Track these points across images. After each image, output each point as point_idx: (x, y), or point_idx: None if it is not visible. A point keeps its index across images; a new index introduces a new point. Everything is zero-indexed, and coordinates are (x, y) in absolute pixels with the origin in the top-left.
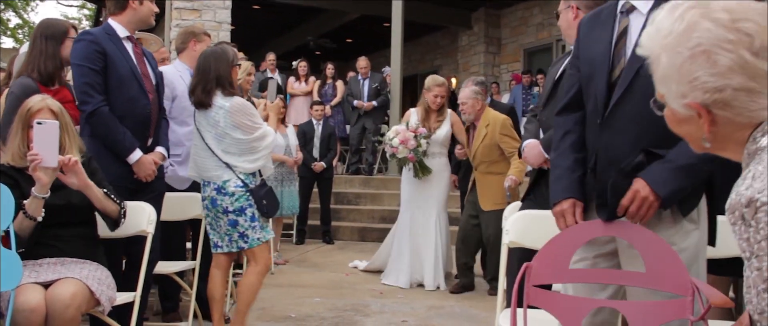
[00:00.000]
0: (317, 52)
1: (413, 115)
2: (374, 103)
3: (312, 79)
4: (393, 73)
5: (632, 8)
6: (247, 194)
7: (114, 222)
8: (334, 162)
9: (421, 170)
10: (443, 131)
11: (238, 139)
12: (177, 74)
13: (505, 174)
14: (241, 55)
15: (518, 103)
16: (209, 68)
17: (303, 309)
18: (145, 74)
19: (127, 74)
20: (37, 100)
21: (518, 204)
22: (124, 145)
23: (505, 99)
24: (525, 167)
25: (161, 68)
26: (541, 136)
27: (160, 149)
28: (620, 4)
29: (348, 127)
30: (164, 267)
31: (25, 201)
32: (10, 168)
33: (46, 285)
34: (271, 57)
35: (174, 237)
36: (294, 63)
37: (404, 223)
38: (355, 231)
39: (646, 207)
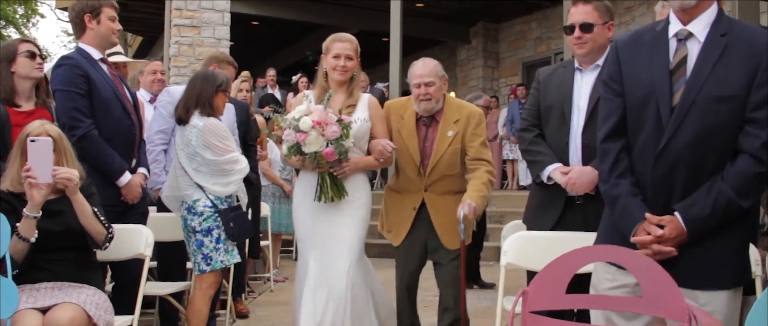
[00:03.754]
0: (316, 67)
1: (306, 99)
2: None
3: None
4: (392, 87)
5: (689, 35)
6: (216, 215)
7: (96, 244)
8: None
9: (334, 189)
10: (361, 119)
11: (208, 159)
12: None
13: (461, 193)
14: (245, 74)
15: (516, 118)
16: (194, 87)
17: None
18: (125, 95)
19: (109, 96)
20: (36, 126)
21: (517, 222)
22: (114, 168)
23: (503, 114)
24: (488, 192)
25: (171, 87)
26: (576, 156)
27: (142, 170)
28: (672, 29)
29: None
30: (159, 288)
31: (17, 224)
32: (9, 194)
33: (44, 311)
34: (271, 73)
35: (171, 257)
36: (294, 78)
37: (306, 276)
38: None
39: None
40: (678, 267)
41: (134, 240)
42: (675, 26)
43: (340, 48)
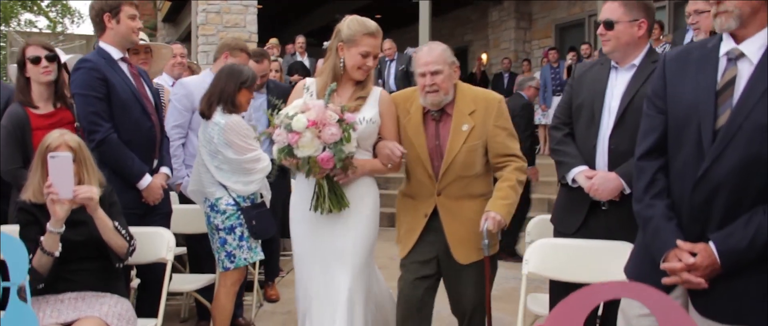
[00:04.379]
0: None
1: (309, 89)
2: (393, 87)
3: None
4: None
5: (741, 55)
6: (238, 213)
7: (118, 258)
8: None
9: (332, 199)
10: (367, 120)
11: (230, 158)
12: (202, 85)
13: (486, 197)
14: (272, 41)
15: (548, 84)
16: (219, 82)
17: None
18: (145, 95)
19: (128, 98)
20: (55, 137)
21: (544, 218)
22: (133, 172)
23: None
24: (516, 197)
25: (186, 79)
26: (602, 160)
27: (164, 169)
28: (724, 47)
29: None
30: (185, 283)
31: (41, 238)
32: (31, 205)
33: (68, 325)
34: (300, 40)
35: (200, 247)
36: (325, 44)
37: (306, 296)
38: (384, 216)
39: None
40: (709, 297)
41: (155, 245)
42: (727, 44)
43: (370, 45)
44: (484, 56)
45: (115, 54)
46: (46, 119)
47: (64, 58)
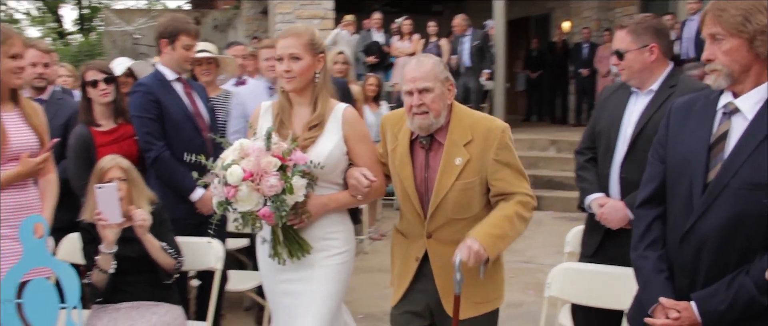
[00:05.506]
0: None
1: (264, 114)
2: (467, 63)
3: (416, 37)
4: (496, 25)
5: (736, 110)
6: None
7: (167, 275)
8: None
9: (292, 245)
10: (326, 150)
11: None
12: (254, 93)
13: None
14: (348, 17)
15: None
16: None
17: (387, 304)
18: (198, 113)
19: (180, 118)
20: (108, 160)
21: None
22: (185, 186)
23: None
24: (511, 231)
25: (240, 88)
26: (615, 189)
27: None
28: (722, 101)
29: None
30: (241, 281)
31: (97, 257)
32: (88, 225)
33: None
34: (376, 16)
35: None
36: (397, 21)
37: None
38: None
39: None
40: None
41: (205, 254)
42: (725, 98)
43: (281, 46)
44: (565, 24)
45: (170, 75)
46: (109, 135)
47: (118, 70)
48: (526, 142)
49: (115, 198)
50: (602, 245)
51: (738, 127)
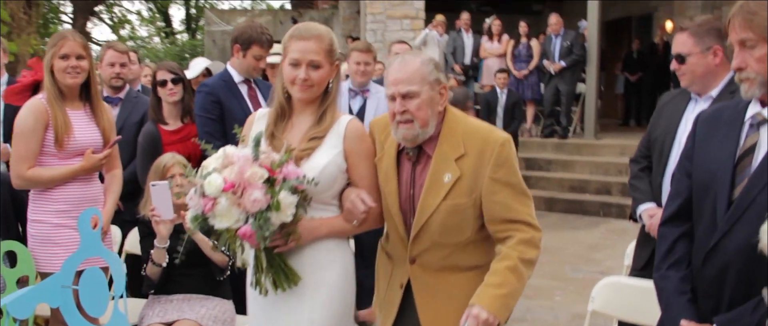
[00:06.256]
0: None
1: (258, 122)
2: (563, 63)
3: (505, 37)
4: (590, 27)
5: (764, 121)
6: None
7: (220, 271)
8: (528, 124)
9: (278, 274)
10: (320, 164)
11: None
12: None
13: (483, 270)
14: (438, 18)
15: None
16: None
17: None
18: None
19: (241, 119)
20: (167, 158)
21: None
22: None
23: None
24: (518, 283)
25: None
26: (664, 198)
27: None
28: (749, 112)
29: (543, 86)
30: None
31: (151, 251)
32: (146, 219)
33: (170, 324)
34: (464, 16)
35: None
36: (487, 20)
37: None
38: (542, 200)
39: None
40: None
41: None
42: (752, 108)
43: (299, 50)
44: (669, 24)
45: (237, 77)
46: (175, 135)
47: (194, 71)
48: (617, 148)
49: (168, 196)
50: (653, 259)
51: (766, 139)
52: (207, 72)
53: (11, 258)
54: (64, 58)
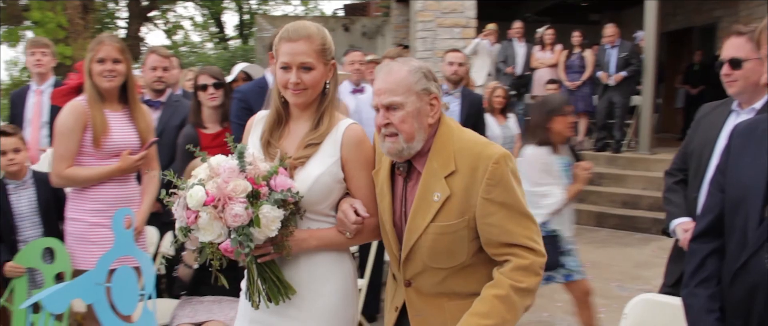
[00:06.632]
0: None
1: (257, 127)
2: (624, 73)
3: (559, 47)
4: (647, 36)
5: None
6: None
7: None
8: (581, 137)
9: (269, 289)
10: (313, 174)
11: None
12: (368, 102)
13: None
14: (490, 27)
15: None
16: (531, 115)
17: None
18: None
19: None
20: (199, 162)
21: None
22: None
23: None
24: (509, 314)
25: (359, 96)
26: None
27: None
28: None
29: (595, 98)
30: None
31: (183, 253)
32: None
33: (199, 324)
34: (516, 25)
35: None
36: (539, 30)
37: None
38: (592, 215)
39: None
40: None
41: None
42: None
43: (288, 53)
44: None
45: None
46: (214, 139)
47: (229, 78)
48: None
49: None
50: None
51: None
52: (246, 76)
53: (52, 255)
54: (101, 61)
